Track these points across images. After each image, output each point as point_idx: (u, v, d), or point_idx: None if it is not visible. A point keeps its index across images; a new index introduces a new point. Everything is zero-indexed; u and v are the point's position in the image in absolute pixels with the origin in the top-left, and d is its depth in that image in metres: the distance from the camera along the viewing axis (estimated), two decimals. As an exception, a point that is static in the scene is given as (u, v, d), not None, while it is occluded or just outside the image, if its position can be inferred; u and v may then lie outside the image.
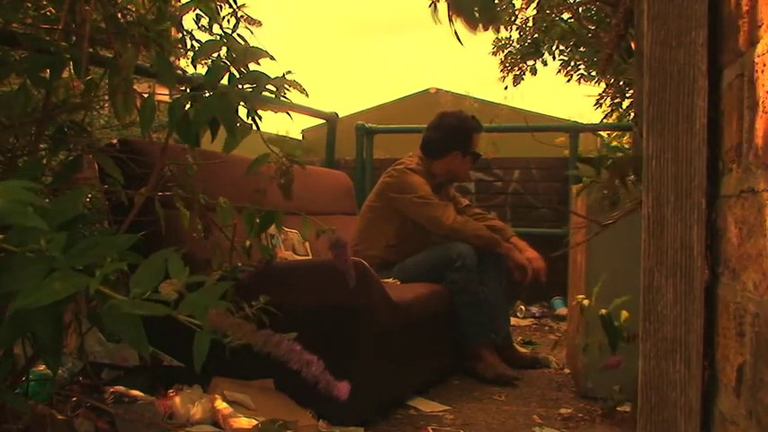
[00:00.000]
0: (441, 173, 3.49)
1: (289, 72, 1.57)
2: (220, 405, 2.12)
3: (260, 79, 1.49)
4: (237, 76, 1.51)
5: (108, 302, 0.93)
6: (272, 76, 1.52)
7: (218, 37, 1.77)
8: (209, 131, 1.59)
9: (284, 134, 9.57)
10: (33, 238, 0.95)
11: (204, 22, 1.75)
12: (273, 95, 1.53)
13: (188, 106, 1.47)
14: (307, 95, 1.66)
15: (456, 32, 1.35)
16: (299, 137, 11.33)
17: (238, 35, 1.79)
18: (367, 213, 3.55)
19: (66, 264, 0.94)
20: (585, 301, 2.23)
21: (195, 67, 1.72)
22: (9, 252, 0.95)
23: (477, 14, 1.29)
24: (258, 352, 0.92)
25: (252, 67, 1.52)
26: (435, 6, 1.34)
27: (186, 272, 1.01)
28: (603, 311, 2.12)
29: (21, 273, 0.94)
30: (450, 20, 1.32)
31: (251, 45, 1.66)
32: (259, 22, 1.76)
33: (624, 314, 2.07)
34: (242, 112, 1.58)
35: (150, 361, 2.27)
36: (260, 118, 1.63)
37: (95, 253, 0.97)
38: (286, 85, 1.55)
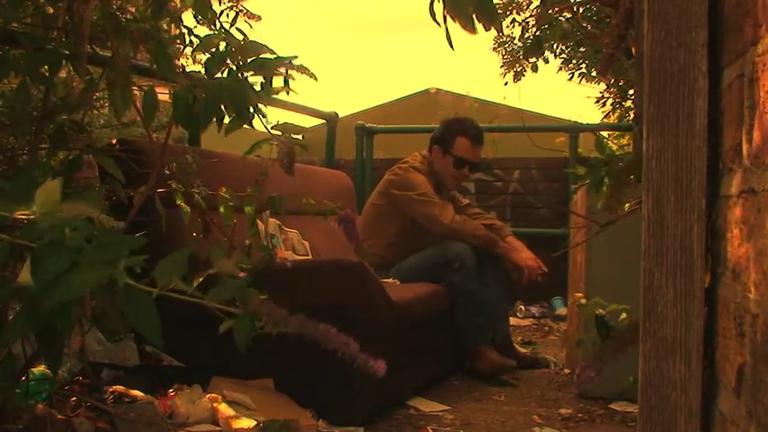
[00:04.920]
0: (434, 170, 3.48)
1: (295, 57, 1.53)
2: (220, 405, 2.11)
3: (266, 66, 1.45)
4: (236, 69, 1.49)
5: (133, 290, 0.92)
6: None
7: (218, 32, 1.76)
8: (215, 120, 1.55)
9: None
10: (51, 231, 0.94)
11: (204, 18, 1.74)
12: (283, 80, 1.50)
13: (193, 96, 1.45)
14: (315, 79, 1.63)
15: (448, 35, 1.32)
16: (299, 136, 11.30)
17: (237, 29, 1.78)
18: (369, 211, 3.55)
19: (91, 256, 0.93)
20: (583, 300, 2.23)
21: (194, 62, 1.72)
22: (25, 246, 0.94)
23: (474, 15, 1.28)
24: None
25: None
26: (432, 7, 1.32)
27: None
28: (600, 311, 2.12)
29: (45, 263, 0.91)
30: (444, 20, 1.30)
31: (251, 40, 1.65)
32: (258, 16, 1.75)
33: (623, 315, 2.06)
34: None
35: (159, 356, 2.28)
36: (263, 115, 1.61)
37: (112, 250, 0.96)
38: (293, 71, 1.52)
